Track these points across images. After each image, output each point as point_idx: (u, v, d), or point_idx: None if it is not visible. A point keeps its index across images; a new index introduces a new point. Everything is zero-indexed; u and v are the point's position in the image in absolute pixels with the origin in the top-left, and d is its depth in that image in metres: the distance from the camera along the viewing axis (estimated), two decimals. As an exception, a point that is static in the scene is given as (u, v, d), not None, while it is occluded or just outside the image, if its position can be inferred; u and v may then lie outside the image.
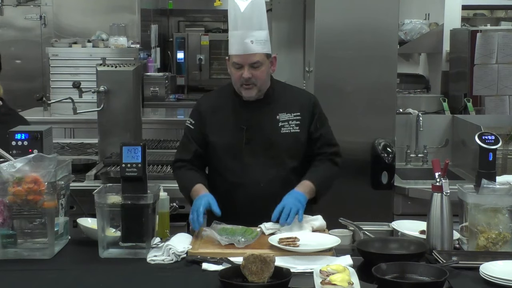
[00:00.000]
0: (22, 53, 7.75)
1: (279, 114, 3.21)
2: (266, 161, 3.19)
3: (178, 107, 7.21)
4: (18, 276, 2.57)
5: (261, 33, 3.12)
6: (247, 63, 3.11)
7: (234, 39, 3.14)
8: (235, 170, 3.20)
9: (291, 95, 3.28)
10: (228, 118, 3.22)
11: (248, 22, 3.10)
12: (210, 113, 3.25)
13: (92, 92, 4.47)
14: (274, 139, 3.19)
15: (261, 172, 3.18)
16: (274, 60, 3.22)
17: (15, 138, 2.92)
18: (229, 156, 3.21)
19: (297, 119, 3.21)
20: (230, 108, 3.23)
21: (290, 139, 3.20)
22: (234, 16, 3.13)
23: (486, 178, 2.88)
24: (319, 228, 2.99)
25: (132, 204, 2.78)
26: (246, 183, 3.18)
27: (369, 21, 4.18)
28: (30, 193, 2.69)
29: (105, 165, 4.27)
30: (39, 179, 2.70)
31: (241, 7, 3.11)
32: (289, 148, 3.21)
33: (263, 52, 3.13)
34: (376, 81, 4.22)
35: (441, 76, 5.56)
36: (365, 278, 2.45)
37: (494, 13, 9.63)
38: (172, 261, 2.69)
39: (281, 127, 3.20)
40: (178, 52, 8.42)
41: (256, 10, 3.13)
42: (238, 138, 3.19)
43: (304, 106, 3.24)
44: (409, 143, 4.79)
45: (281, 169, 3.20)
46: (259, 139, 3.19)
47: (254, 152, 3.19)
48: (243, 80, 3.13)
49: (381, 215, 3.81)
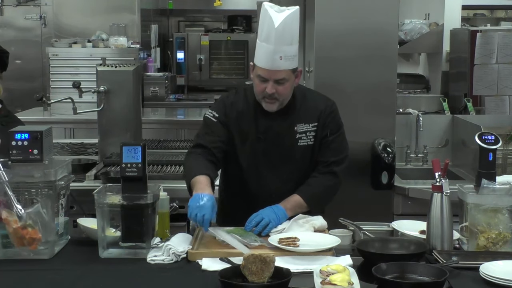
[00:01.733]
0: (22, 53, 7.74)
1: (297, 125, 3.15)
2: (283, 174, 3.16)
3: (178, 107, 7.20)
4: (18, 276, 2.57)
5: (291, 48, 3.02)
6: (273, 78, 3.02)
7: (262, 51, 3.03)
8: (250, 180, 3.18)
9: (311, 104, 3.19)
10: (249, 125, 3.16)
11: (280, 37, 2.98)
12: (235, 115, 3.16)
13: (92, 92, 4.47)
14: (292, 153, 3.16)
15: (275, 184, 3.14)
16: (299, 74, 3.13)
17: (15, 138, 2.92)
18: (246, 165, 3.17)
19: (314, 130, 3.17)
20: (252, 114, 3.16)
21: (307, 152, 3.17)
22: (267, 29, 3.00)
23: (486, 178, 2.88)
24: (319, 228, 2.99)
25: (132, 204, 2.78)
26: (259, 194, 3.15)
27: (369, 21, 4.18)
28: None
29: (105, 165, 4.27)
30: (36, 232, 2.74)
31: (276, 21, 2.97)
32: (305, 161, 3.18)
33: (291, 68, 3.04)
34: (376, 81, 4.22)
35: (441, 76, 5.56)
36: (365, 278, 2.45)
37: (494, 13, 9.63)
38: (172, 261, 2.69)
39: (298, 139, 3.15)
40: (178, 52, 8.41)
41: (290, 24, 3.00)
42: (256, 148, 3.15)
43: (322, 115, 3.18)
44: (409, 143, 4.79)
45: (296, 182, 3.15)
46: (276, 151, 3.15)
47: (271, 164, 3.16)
48: (266, 94, 3.06)
49: (381, 215, 3.81)
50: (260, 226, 2.93)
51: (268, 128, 3.14)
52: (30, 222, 2.72)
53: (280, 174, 3.16)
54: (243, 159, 3.17)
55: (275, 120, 3.14)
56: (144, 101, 6.60)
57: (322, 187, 3.18)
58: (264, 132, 3.15)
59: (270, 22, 2.98)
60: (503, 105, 5.10)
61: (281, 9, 3.03)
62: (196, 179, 2.97)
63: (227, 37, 8.48)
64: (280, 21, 2.97)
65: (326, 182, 3.19)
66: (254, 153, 3.16)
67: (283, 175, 3.16)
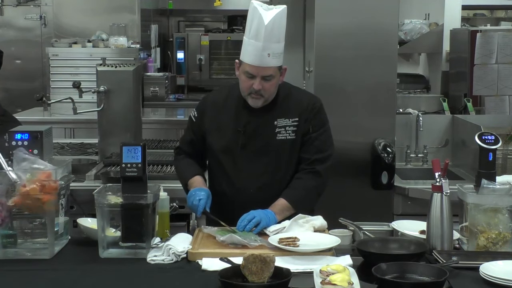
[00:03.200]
0: (22, 53, 7.74)
1: (277, 119, 3.18)
2: (261, 167, 3.18)
3: (178, 107, 7.20)
4: (18, 276, 2.57)
5: (279, 46, 3.08)
6: (260, 74, 3.07)
7: (251, 48, 3.07)
8: (229, 174, 3.21)
9: (294, 100, 3.22)
10: (229, 119, 3.21)
11: (270, 34, 3.03)
12: (213, 112, 3.24)
13: (92, 92, 4.47)
14: (269, 145, 3.17)
15: (254, 178, 3.17)
16: (284, 72, 3.18)
17: (15, 138, 2.92)
18: (225, 159, 3.21)
19: (294, 125, 3.18)
20: (234, 109, 3.21)
21: (285, 146, 3.17)
22: (256, 26, 3.05)
23: (486, 178, 2.88)
24: (319, 228, 2.99)
25: (132, 204, 2.78)
26: (238, 188, 3.18)
27: (369, 21, 4.18)
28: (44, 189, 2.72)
29: (105, 165, 4.27)
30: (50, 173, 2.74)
31: (265, 19, 3.03)
32: (284, 155, 3.18)
33: (277, 66, 3.10)
34: (376, 81, 4.22)
35: (441, 76, 5.56)
36: (365, 278, 2.45)
37: (494, 13, 9.63)
38: (172, 261, 2.69)
39: (277, 133, 3.17)
40: (178, 52, 8.41)
41: (279, 22, 3.06)
42: (235, 141, 3.19)
43: (304, 111, 3.19)
44: (409, 143, 4.79)
45: (275, 176, 3.18)
46: (254, 144, 3.18)
47: (249, 157, 3.18)
48: (252, 90, 3.10)
49: (381, 215, 3.80)
50: (251, 224, 2.94)
51: (248, 122, 3.18)
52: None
53: (257, 167, 3.18)
54: (222, 152, 3.21)
55: (255, 115, 3.18)
56: (144, 101, 6.60)
57: (306, 190, 3.18)
58: (243, 125, 3.18)
59: (260, 20, 3.03)
60: (503, 105, 5.10)
61: (269, 7, 3.07)
62: (191, 180, 3.22)
63: (227, 37, 8.48)
64: (270, 18, 3.02)
65: (310, 183, 3.18)
66: (232, 146, 3.19)
67: (259, 169, 3.18)
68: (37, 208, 2.74)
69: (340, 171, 4.14)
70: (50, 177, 2.74)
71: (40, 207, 2.73)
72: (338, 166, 4.11)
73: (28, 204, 2.73)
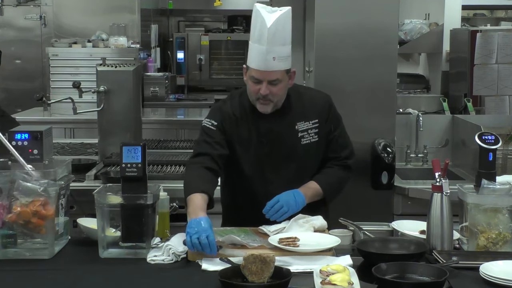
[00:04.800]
0: (22, 53, 7.75)
1: (297, 123, 3.13)
2: (288, 174, 3.13)
3: (178, 107, 7.21)
4: (18, 276, 2.57)
5: (284, 49, 3.00)
6: (266, 79, 3.00)
7: (255, 53, 3.01)
8: (255, 183, 3.14)
9: (308, 101, 3.18)
10: (249, 130, 3.13)
11: (272, 37, 2.96)
12: (231, 125, 3.13)
13: (92, 92, 4.47)
14: (295, 152, 3.14)
15: (281, 185, 3.08)
16: (293, 75, 3.11)
17: (15, 138, 2.92)
18: (250, 169, 3.13)
19: (315, 126, 3.15)
20: (251, 120, 3.13)
21: (311, 149, 3.15)
22: (259, 29, 2.99)
23: (486, 178, 2.88)
24: (319, 228, 2.99)
25: (132, 204, 2.78)
26: (266, 197, 3.05)
27: (369, 21, 4.18)
28: (36, 215, 2.73)
29: (105, 165, 4.27)
30: (47, 200, 2.73)
31: (268, 21, 2.96)
32: (310, 158, 3.17)
33: (284, 69, 3.03)
34: (376, 81, 4.22)
35: (441, 76, 5.56)
36: (365, 278, 2.45)
37: (494, 13, 9.62)
38: (172, 261, 2.69)
39: (301, 138, 3.14)
40: (178, 52, 8.42)
41: (282, 24, 2.98)
42: (259, 152, 3.12)
43: (321, 111, 3.17)
44: (409, 143, 4.79)
45: (302, 181, 3.13)
46: (280, 151, 3.13)
47: (275, 165, 3.13)
48: (260, 96, 3.04)
49: (381, 215, 3.80)
50: (278, 214, 2.93)
51: (269, 130, 3.12)
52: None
53: (286, 174, 3.13)
54: (247, 165, 3.14)
55: (274, 122, 3.12)
56: (144, 101, 6.61)
57: (337, 177, 3.23)
58: (265, 134, 3.12)
59: (263, 23, 2.97)
60: (503, 105, 5.10)
61: (273, 9, 3.02)
62: (191, 198, 2.92)
63: (227, 37, 8.49)
64: (273, 21, 2.96)
65: (341, 173, 3.24)
66: (258, 157, 3.13)
67: (288, 175, 3.13)
68: (31, 229, 2.76)
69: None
70: (47, 204, 2.73)
71: (35, 229, 2.75)
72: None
73: (21, 224, 2.74)
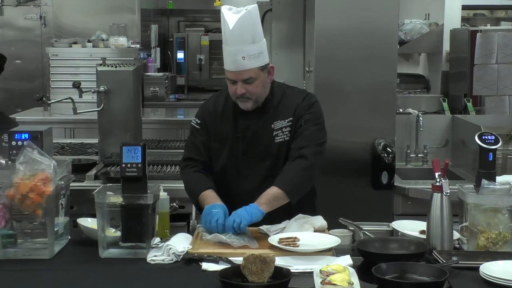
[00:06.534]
0: (22, 53, 7.75)
1: (274, 122, 3.14)
2: (263, 171, 3.14)
3: (178, 107, 7.21)
4: (18, 276, 2.57)
5: (253, 47, 3.01)
6: (239, 79, 3.03)
7: (226, 54, 3.05)
8: (232, 180, 3.18)
9: (289, 100, 3.17)
10: (228, 126, 3.17)
11: (238, 37, 2.98)
12: (212, 120, 3.19)
13: (92, 92, 4.47)
14: (269, 149, 3.14)
15: (256, 183, 3.11)
16: (272, 70, 3.12)
17: (15, 138, 2.92)
18: (226, 164, 3.18)
19: (289, 124, 3.13)
20: (231, 116, 3.17)
21: (283, 148, 3.14)
22: (224, 31, 3.03)
23: (486, 178, 2.88)
24: (319, 228, 2.99)
25: (132, 204, 2.78)
26: (240, 193, 3.13)
27: (369, 21, 4.18)
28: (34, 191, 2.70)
29: (105, 165, 4.28)
30: (49, 177, 2.71)
31: (230, 23, 2.97)
32: (283, 156, 3.14)
33: (256, 67, 3.03)
34: (376, 81, 4.22)
35: (441, 76, 5.56)
36: (365, 278, 2.45)
37: (494, 13, 9.63)
38: (172, 261, 2.69)
39: (275, 136, 3.13)
40: (178, 52, 8.42)
41: (247, 23, 2.99)
42: (235, 147, 3.16)
43: (297, 109, 3.14)
44: (409, 143, 4.79)
45: (275, 178, 3.09)
46: (254, 149, 3.15)
47: (250, 163, 3.16)
48: (238, 95, 3.07)
49: (381, 215, 3.81)
50: (235, 227, 2.86)
51: (247, 127, 3.15)
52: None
53: (259, 171, 3.15)
54: (223, 159, 3.18)
55: (253, 119, 3.14)
56: (144, 101, 6.60)
57: (295, 172, 3.07)
58: (242, 131, 3.15)
59: (225, 25, 2.99)
60: (503, 105, 5.10)
61: (238, 10, 3.02)
62: (203, 195, 3.08)
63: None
64: (234, 22, 2.97)
65: (297, 166, 3.08)
66: (233, 153, 3.17)
67: (261, 173, 3.15)
68: (27, 207, 2.73)
69: (340, 171, 4.16)
70: (48, 180, 2.72)
71: (30, 207, 2.73)
72: (338, 166, 4.14)
73: (19, 200, 2.72)
